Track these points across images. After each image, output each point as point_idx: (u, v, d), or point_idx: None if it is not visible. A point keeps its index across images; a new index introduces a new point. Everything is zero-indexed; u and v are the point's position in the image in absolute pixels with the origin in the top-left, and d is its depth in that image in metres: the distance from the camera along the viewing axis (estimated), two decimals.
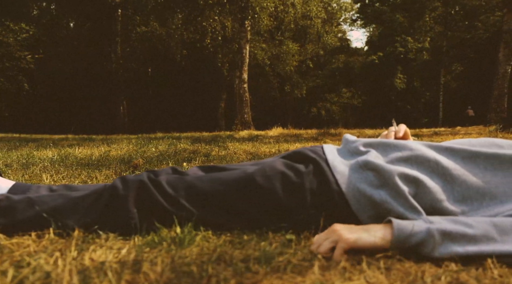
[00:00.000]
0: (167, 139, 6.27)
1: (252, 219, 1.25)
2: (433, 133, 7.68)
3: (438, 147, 1.31)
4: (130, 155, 3.60)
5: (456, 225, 1.05)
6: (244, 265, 0.94)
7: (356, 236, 1.05)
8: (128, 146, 4.63)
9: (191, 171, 1.47)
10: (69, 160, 2.89)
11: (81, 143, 5.72)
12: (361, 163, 1.24)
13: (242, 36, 15.82)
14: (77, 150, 4.00)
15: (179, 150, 4.13)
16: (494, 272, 0.96)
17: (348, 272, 0.94)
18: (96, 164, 2.77)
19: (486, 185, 1.22)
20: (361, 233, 1.06)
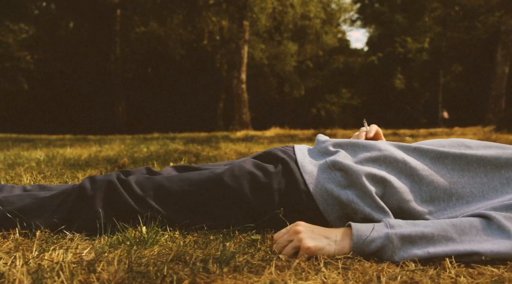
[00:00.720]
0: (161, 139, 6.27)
1: (220, 219, 1.25)
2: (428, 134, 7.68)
3: (407, 147, 1.31)
4: (120, 155, 3.61)
5: (416, 228, 1.05)
6: (203, 265, 0.95)
7: (318, 246, 1.04)
8: (120, 146, 4.63)
9: (165, 171, 1.47)
10: (56, 160, 2.90)
11: (74, 143, 5.73)
12: (329, 163, 1.25)
13: (240, 36, 15.83)
14: (67, 150, 4.01)
15: (170, 150, 4.13)
16: (451, 272, 0.96)
17: (305, 272, 0.94)
18: (83, 164, 2.78)
19: (453, 186, 1.23)
20: (322, 242, 1.06)
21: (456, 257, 1.03)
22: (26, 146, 4.97)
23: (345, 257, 1.04)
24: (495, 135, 6.10)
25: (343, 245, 1.06)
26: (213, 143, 5.59)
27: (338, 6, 28.10)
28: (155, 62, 23.50)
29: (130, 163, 2.82)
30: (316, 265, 0.99)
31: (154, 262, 0.95)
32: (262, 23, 17.58)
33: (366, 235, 1.05)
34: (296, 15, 21.40)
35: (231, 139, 7.18)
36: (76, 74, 22.71)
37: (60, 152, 3.77)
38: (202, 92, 24.18)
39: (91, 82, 22.83)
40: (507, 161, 1.25)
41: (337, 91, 31.36)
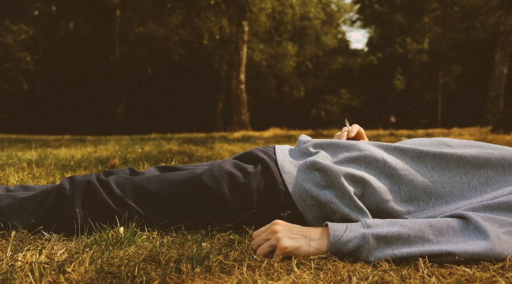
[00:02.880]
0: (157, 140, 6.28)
1: (198, 219, 1.25)
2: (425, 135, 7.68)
3: (388, 147, 1.31)
4: (114, 155, 3.61)
5: (393, 228, 1.05)
6: (176, 265, 0.95)
7: (294, 246, 1.04)
8: (115, 147, 4.64)
9: (148, 171, 1.47)
10: (48, 161, 2.90)
11: (70, 144, 5.73)
12: (308, 164, 1.25)
13: (240, 37, 15.84)
14: (61, 151, 4.01)
15: (164, 151, 4.13)
16: (424, 272, 0.96)
17: (277, 272, 0.94)
18: (74, 165, 2.78)
19: (433, 185, 1.23)
20: (299, 241, 1.06)
21: (431, 257, 1.03)
22: (21, 146, 4.98)
23: (320, 257, 1.04)
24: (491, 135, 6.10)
25: (320, 245, 1.06)
26: (208, 143, 5.59)
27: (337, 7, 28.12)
28: (155, 63, 23.51)
29: (121, 164, 2.82)
30: (288, 265, 0.99)
31: (127, 262, 0.96)
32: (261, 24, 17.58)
33: (342, 235, 1.05)
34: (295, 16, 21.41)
35: (228, 140, 7.18)
36: (76, 75, 22.73)
37: (54, 152, 3.78)
38: (201, 93, 24.19)
39: (90, 83, 22.85)
40: (486, 160, 1.25)
41: (337, 92, 31.39)
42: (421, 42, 27.57)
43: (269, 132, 10.13)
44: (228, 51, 20.32)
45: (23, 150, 4.08)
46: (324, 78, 30.80)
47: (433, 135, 7.85)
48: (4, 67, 21.42)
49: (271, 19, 19.40)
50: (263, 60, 22.64)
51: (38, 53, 23.10)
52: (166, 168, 1.51)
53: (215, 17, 16.29)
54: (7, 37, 21.65)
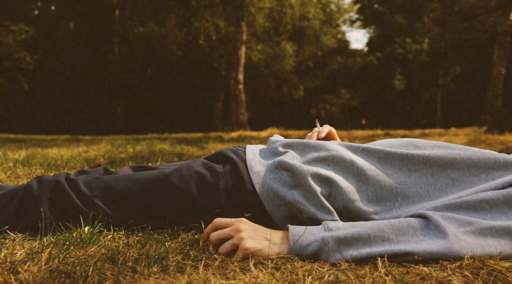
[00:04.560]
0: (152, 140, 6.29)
1: (166, 219, 1.26)
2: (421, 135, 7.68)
3: (356, 148, 1.32)
4: (102, 155, 3.62)
5: (353, 229, 1.06)
6: (133, 265, 0.95)
7: (256, 248, 1.05)
8: (107, 146, 4.64)
9: (122, 171, 1.48)
10: (35, 160, 2.91)
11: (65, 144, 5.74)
12: (276, 163, 1.25)
13: (238, 37, 15.84)
14: (52, 151, 4.02)
15: (155, 151, 4.14)
16: (382, 271, 0.97)
17: (233, 271, 0.95)
18: (61, 164, 2.79)
19: (400, 185, 1.24)
20: (262, 244, 1.06)
21: (390, 257, 1.03)
22: (14, 146, 4.99)
23: (280, 256, 1.05)
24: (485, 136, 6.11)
25: (281, 248, 1.07)
26: (202, 143, 5.60)
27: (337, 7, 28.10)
28: (154, 63, 23.52)
29: (106, 164, 2.83)
30: (246, 265, 0.99)
31: (85, 262, 0.96)
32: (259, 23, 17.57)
33: (302, 239, 1.06)
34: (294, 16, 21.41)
35: (223, 139, 7.19)
36: (75, 75, 22.75)
37: (43, 152, 3.79)
38: (200, 92, 24.20)
39: (90, 83, 22.86)
40: (452, 161, 1.26)
41: (337, 92, 31.37)
42: (421, 42, 27.55)
43: (266, 133, 10.13)
44: (226, 51, 20.32)
45: (15, 150, 4.10)
46: (324, 78, 30.78)
47: (429, 135, 7.86)
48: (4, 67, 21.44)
49: (270, 19, 19.41)
50: (262, 60, 22.63)
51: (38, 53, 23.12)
52: (140, 167, 1.52)
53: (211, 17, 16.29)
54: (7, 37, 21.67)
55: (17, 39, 22.18)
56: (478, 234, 1.06)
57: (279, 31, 22.83)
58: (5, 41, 21.65)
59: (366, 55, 30.67)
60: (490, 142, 5.57)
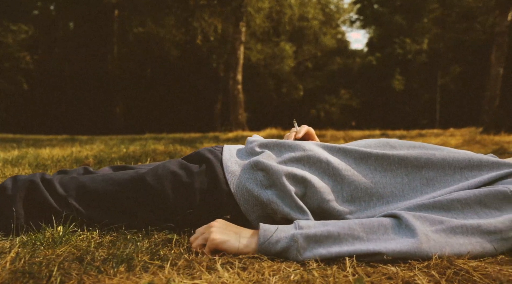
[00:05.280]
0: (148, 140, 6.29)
1: (140, 219, 1.26)
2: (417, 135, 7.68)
3: (332, 148, 1.32)
4: (96, 155, 3.62)
5: (324, 227, 1.06)
6: (100, 265, 0.95)
7: (223, 239, 1.06)
8: (100, 146, 4.65)
9: (102, 171, 1.48)
10: (25, 160, 2.91)
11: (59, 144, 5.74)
12: (252, 163, 1.26)
13: (236, 37, 15.84)
14: (44, 151, 4.02)
15: (147, 151, 4.14)
16: (349, 271, 0.97)
17: (199, 271, 0.95)
18: (50, 164, 2.79)
19: (375, 185, 1.24)
20: (230, 236, 1.08)
21: (360, 256, 1.03)
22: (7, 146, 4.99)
23: (249, 256, 1.05)
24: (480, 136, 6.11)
25: (249, 242, 1.08)
26: (197, 143, 5.60)
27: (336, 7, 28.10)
28: (153, 63, 23.52)
29: (95, 163, 2.83)
30: (214, 264, 0.99)
31: (52, 262, 0.96)
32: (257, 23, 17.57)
33: (272, 235, 1.06)
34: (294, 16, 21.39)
35: (220, 140, 7.19)
36: (74, 75, 22.76)
37: (36, 152, 3.79)
38: (200, 93, 24.21)
39: (89, 83, 22.88)
40: (427, 161, 1.26)
41: (336, 92, 31.37)
42: (420, 42, 27.55)
43: (264, 133, 10.12)
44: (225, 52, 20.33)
45: (8, 150, 4.10)
46: (323, 78, 30.78)
47: (426, 135, 7.86)
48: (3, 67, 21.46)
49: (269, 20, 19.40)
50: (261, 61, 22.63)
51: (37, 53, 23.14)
52: (119, 167, 1.52)
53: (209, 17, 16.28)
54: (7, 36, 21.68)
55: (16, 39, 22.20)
56: (449, 233, 1.07)
57: (279, 32, 22.82)
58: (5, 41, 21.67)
59: (365, 56, 30.67)
60: (485, 142, 5.56)
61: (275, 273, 0.96)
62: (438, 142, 5.85)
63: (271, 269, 0.98)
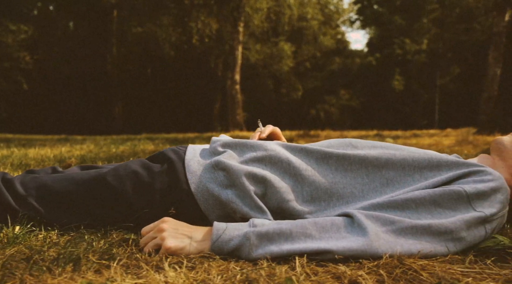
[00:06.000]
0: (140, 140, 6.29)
1: (100, 218, 1.26)
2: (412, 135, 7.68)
3: (294, 148, 1.32)
4: (84, 155, 3.62)
5: (276, 225, 1.07)
6: (48, 264, 0.96)
7: (177, 246, 1.06)
8: (90, 146, 4.65)
9: (70, 170, 1.48)
10: (9, 160, 2.92)
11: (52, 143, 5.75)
12: (213, 163, 1.26)
13: (235, 37, 15.85)
14: (34, 150, 4.03)
15: (136, 151, 4.15)
16: (298, 270, 0.97)
17: (146, 270, 0.95)
18: (34, 164, 2.79)
19: (335, 186, 1.24)
20: (183, 241, 1.07)
21: (311, 254, 1.03)
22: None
23: (202, 256, 1.05)
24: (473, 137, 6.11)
25: (204, 245, 1.08)
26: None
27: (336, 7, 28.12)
28: (152, 63, 23.54)
29: (78, 163, 2.84)
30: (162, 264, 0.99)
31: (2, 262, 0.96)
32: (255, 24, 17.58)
33: (225, 234, 1.06)
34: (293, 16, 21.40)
35: None
36: (73, 75, 22.78)
37: (23, 152, 3.80)
38: (199, 93, 24.22)
39: (88, 83, 22.89)
40: (387, 161, 1.26)
41: (336, 92, 31.35)
42: (420, 43, 27.54)
43: None
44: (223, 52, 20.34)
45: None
46: (323, 79, 30.77)
47: (420, 136, 7.85)
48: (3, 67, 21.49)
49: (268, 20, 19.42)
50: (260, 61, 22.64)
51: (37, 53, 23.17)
52: (88, 167, 1.52)
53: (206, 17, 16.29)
54: (6, 36, 21.72)
55: (16, 39, 22.23)
56: (399, 233, 1.07)
57: (278, 32, 22.83)
58: (5, 41, 21.70)
59: (365, 56, 30.66)
60: (478, 143, 5.56)
61: (223, 272, 0.96)
62: (431, 142, 5.85)
63: (219, 268, 0.98)
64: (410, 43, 27.44)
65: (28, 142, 6.52)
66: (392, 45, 27.82)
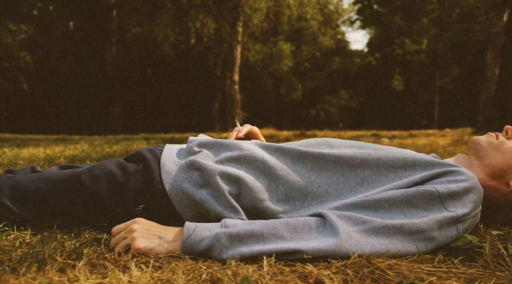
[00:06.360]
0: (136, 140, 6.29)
1: (74, 218, 1.26)
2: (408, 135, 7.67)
3: (270, 147, 1.32)
4: (76, 155, 3.62)
5: (248, 226, 1.06)
6: (15, 265, 0.95)
7: (147, 247, 1.06)
8: (83, 146, 4.65)
9: (49, 170, 1.48)
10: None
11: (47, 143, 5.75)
12: (188, 163, 1.25)
13: (233, 37, 15.85)
14: (28, 150, 4.03)
15: (129, 150, 4.14)
16: (265, 270, 0.96)
17: (111, 270, 0.95)
18: (22, 164, 2.79)
19: (310, 185, 1.24)
20: (153, 242, 1.07)
21: (280, 254, 1.03)
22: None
23: (172, 255, 1.05)
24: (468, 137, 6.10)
25: (174, 245, 1.08)
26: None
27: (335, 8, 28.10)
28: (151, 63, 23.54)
29: (67, 163, 2.84)
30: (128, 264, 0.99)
31: None
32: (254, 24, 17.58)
33: (196, 235, 1.06)
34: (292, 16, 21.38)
35: None
36: (73, 75, 22.79)
37: (15, 152, 3.80)
38: (198, 93, 24.22)
39: (87, 83, 22.90)
40: (362, 160, 1.26)
41: (336, 92, 31.34)
42: (420, 43, 27.50)
43: None
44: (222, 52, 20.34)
45: None
46: (323, 79, 30.76)
47: (417, 136, 7.84)
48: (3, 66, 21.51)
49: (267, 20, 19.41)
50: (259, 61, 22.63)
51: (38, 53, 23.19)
52: (67, 166, 1.52)
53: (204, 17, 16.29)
54: (6, 36, 21.74)
55: (16, 39, 22.25)
56: (371, 233, 1.07)
57: (277, 32, 22.82)
58: (5, 41, 21.71)
59: (365, 56, 30.64)
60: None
61: (189, 272, 0.95)
62: (426, 142, 5.84)
63: (186, 268, 0.98)
64: (410, 43, 27.39)
65: (23, 141, 6.52)
66: (392, 45, 27.79)
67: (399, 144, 5.55)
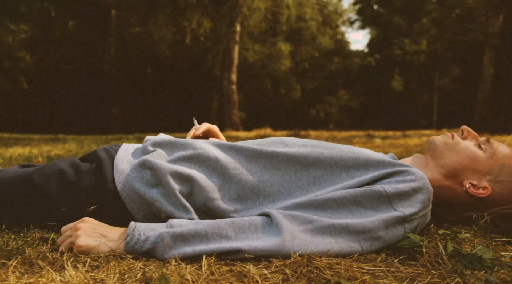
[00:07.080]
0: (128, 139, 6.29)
1: (24, 217, 1.25)
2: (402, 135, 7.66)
3: (224, 146, 1.31)
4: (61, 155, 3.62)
5: (192, 226, 1.06)
6: None
7: (90, 245, 1.05)
8: (72, 146, 4.65)
9: (8, 169, 1.47)
10: None
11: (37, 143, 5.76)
12: (140, 162, 1.25)
13: (231, 37, 15.85)
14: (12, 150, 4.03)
15: None
16: (203, 269, 0.96)
17: (47, 270, 0.94)
18: (2, 163, 2.79)
19: (262, 184, 1.23)
20: (97, 240, 1.06)
21: (222, 254, 1.03)
22: None
23: (114, 255, 1.04)
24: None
25: (117, 245, 1.07)
26: None
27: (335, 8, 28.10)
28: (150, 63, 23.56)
29: (46, 162, 2.84)
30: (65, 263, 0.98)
31: None
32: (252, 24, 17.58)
33: (140, 234, 1.06)
34: (291, 17, 21.39)
35: None
36: (72, 74, 22.82)
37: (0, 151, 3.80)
38: (196, 93, 24.23)
39: (87, 83, 22.92)
40: (315, 159, 1.25)
41: (335, 92, 31.34)
42: (419, 43, 27.47)
43: (253, 133, 10.13)
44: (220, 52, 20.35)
45: None
46: (322, 79, 30.77)
47: (412, 136, 7.82)
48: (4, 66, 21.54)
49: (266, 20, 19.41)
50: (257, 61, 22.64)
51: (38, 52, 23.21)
52: (27, 165, 1.51)
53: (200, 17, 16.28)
54: (6, 36, 21.76)
55: (16, 39, 22.26)
56: (316, 233, 1.06)
57: (276, 32, 22.83)
58: (5, 40, 21.74)
59: (365, 56, 30.64)
60: None
61: (125, 272, 0.95)
62: (417, 143, 5.83)
63: (123, 268, 0.97)
64: (410, 44, 27.37)
65: (16, 141, 6.53)
66: (392, 45, 27.77)
67: (390, 144, 5.54)
